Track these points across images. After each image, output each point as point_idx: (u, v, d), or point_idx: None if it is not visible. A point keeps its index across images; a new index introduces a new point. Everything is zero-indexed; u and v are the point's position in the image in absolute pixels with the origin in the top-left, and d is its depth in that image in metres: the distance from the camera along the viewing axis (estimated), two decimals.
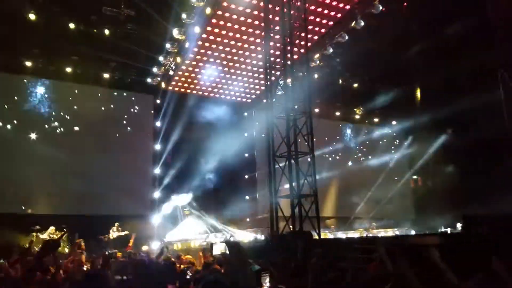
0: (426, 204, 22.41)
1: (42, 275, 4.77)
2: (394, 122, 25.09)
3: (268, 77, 12.43)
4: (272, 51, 12.66)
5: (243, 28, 15.69)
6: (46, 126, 17.69)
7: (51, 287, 4.48)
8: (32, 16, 15.24)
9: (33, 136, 17.16)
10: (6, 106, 16.97)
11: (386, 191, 22.37)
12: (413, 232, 19.22)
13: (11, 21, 15.21)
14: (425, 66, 19.58)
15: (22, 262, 6.21)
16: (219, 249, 7.50)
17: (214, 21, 15.20)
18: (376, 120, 24.93)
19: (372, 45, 16.96)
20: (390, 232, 19.06)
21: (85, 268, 7.34)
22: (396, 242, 8.54)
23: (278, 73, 12.62)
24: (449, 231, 17.08)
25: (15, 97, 17.36)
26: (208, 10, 14.49)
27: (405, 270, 3.58)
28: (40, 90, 17.85)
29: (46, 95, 17.93)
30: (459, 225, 16.90)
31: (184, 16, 14.87)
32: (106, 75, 18.49)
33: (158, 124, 19.72)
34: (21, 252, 7.23)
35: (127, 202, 17.99)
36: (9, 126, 16.86)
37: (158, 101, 19.84)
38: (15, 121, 17.01)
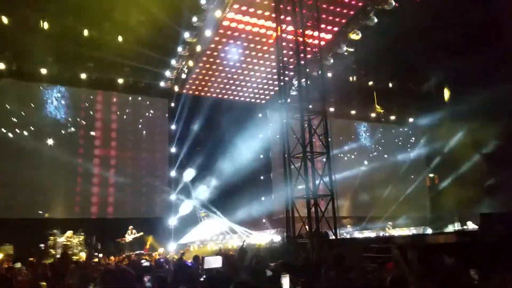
0: (442, 203, 22.10)
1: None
2: (411, 120, 24.73)
3: (281, 77, 12.39)
4: (284, 51, 12.61)
5: (255, 30, 15.69)
6: (63, 132, 17.90)
7: None
8: (46, 25, 15.58)
9: (50, 142, 17.42)
10: (23, 113, 17.26)
11: (402, 189, 22.12)
12: (429, 231, 18.97)
13: (26, 30, 15.52)
14: (441, 61, 19.28)
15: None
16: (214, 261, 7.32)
17: (225, 23, 15.23)
18: (392, 118, 24.58)
19: (386, 42, 16.76)
20: (406, 231, 18.84)
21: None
22: (411, 242, 8.44)
23: (291, 73, 12.57)
24: (465, 229, 16.81)
25: (32, 104, 17.61)
26: (218, 13, 14.52)
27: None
28: (56, 97, 18.07)
29: (62, 102, 18.17)
30: (470, 224, 16.68)
31: (194, 19, 14.93)
32: (120, 81, 18.63)
33: (173, 127, 19.85)
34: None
35: (144, 205, 18.34)
36: (26, 133, 17.11)
37: (172, 104, 19.96)
38: (32, 128, 17.27)
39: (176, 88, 19.41)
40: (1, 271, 5.83)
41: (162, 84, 19.14)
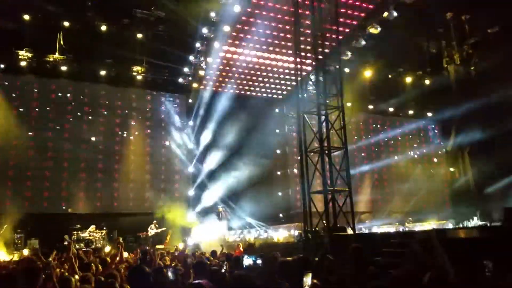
0: (463, 197, 21.71)
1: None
2: (429, 114, 24.37)
3: (299, 72, 12.35)
4: (302, 46, 12.54)
5: (273, 24, 15.62)
6: (85, 127, 18.17)
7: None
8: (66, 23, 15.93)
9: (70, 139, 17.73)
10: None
11: (422, 184, 21.81)
12: (451, 226, 18.66)
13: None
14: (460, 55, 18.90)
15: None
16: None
17: (243, 18, 15.20)
18: (411, 112, 24.20)
19: (405, 35, 16.49)
20: (426, 226, 18.57)
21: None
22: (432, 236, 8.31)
23: (309, 68, 12.50)
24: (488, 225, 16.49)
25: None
26: (237, 8, 14.50)
27: (442, 261, 3.54)
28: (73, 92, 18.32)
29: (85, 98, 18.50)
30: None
31: (213, 14, 14.95)
32: (139, 77, 18.68)
33: (191, 123, 19.96)
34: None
35: (164, 200, 18.60)
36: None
37: (190, 101, 20.05)
38: (51, 124, 17.64)
39: (195, 84, 19.46)
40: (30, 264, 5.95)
41: (180, 80, 19.21)
